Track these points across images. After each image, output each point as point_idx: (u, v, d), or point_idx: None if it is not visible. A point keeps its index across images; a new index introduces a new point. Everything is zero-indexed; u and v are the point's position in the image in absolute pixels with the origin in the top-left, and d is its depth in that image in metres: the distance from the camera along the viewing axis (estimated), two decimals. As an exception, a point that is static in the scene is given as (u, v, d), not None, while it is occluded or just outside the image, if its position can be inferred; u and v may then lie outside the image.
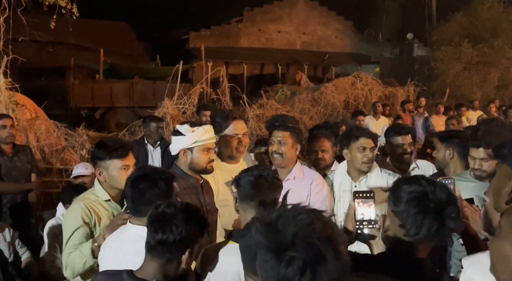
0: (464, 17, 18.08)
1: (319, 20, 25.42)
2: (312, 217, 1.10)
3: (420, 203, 1.57)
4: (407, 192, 1.61)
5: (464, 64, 17.08)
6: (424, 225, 1.55)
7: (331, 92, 10.58)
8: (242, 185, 2.10)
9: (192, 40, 22.43)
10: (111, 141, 2.73)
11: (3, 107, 5.47)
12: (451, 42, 17.48)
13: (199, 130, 2.86)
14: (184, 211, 1.76)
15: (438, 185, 1.61)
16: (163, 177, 2.17)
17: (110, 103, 13.95)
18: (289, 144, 3.08)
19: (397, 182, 1.70)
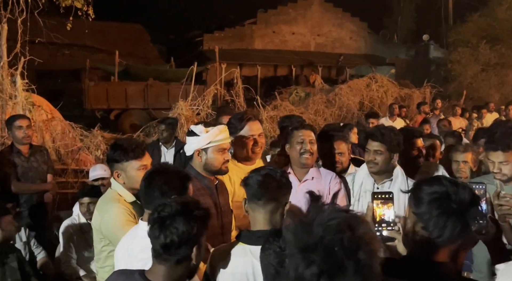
0: (481, 18, 17.83)
1: (333, 21, 25.34)
2: (345, 225, 1.08)
3: (442, 203, 1.53)
4: (428, 193, 1.56)
5: (482, 65, 16.84)
6: (447, 226, 1.50)
7: (346, 94, 10.51)
8: (250, 184, 2.09)
9: (206, 42, 22.54)
10: (126, 142, 2.73)
11: (20, 108, 5.54)
12: (468, 43, 17.25)
13: (213, 130, 2.83)
14: (181, 211, 1.74)
15: (461, 186, 1.56)
16: (178, 172, 2.20)
17: (125, 105, 14.07)
18: (315, 142, 3.12)
19: (417, 183, 1.66)
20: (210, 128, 2.86)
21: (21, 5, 5.89)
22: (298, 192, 3.10)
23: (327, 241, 1.05)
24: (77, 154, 6.28)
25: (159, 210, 1.75)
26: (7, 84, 5.54)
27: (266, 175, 2.08)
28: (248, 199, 2.10)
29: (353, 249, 1.05)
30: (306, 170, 3.15)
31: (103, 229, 2.57)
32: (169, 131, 5.61)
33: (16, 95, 5.54)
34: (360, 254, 1.05)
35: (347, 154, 3.59)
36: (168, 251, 1.71)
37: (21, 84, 5.63)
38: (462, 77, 16.65)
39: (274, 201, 2.04)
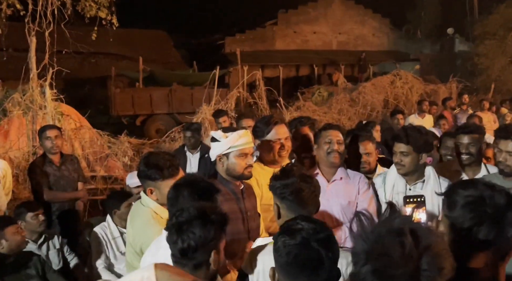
0: (508, 9, 17.35)
1: (355, 19, 25.10)
2: (409, 231, 1.07)
3: (476, 208, 1.49)
4: (462, 196, 1.52)
5: (510, 58, 16.40)
6: (481, 231, 1.46)
7: (370, 92, 10.39)
8: (285, 197, 2.14)
9: (228, 45, 22.64)
10: (161, 160, 2.66)
11: (50, 118, 5.70)
12: (495, 35, 16.82)
13: (233, 135, 2.82)
14: (198, 215, 1.76)
15: (497, 189, 1.52)
16: (206, 184, 2.22)
17: (150, 110, 14.27)
18: (342, 143, 3.13)
19: (452, 186, 1.63)
20: (229, 134, 2.86)
21: (48, 17, 6.06)
22: (327, 192, 3.10)
23: (386, 242, 1.06)
24: (106, 161, 6.41)
25: (177, 215, 1.78)
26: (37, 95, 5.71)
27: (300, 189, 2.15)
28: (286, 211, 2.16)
29: (413, 255, 1.04)
30: (334, 170, 3.14)
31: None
32: (195, 137, 5.65)
33: (46, 105, 5.70)
34: (423, 263, 1.04)
35: (374, 154, 3.55)
36: (186, 255, 1.73)
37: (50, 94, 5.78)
38: (489, 70, 16.24)
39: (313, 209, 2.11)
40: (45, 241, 3.91)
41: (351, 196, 3.09)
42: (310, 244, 1.53)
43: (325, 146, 3.11)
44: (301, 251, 1.53)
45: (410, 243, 1.05)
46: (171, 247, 1.78)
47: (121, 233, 3.80)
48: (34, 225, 3.78)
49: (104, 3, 6.84)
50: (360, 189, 3.10)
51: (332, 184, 3.13)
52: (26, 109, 5.74)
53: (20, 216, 3.79)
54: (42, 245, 3.88)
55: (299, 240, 1.54)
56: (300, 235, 1.55)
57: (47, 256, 3.88)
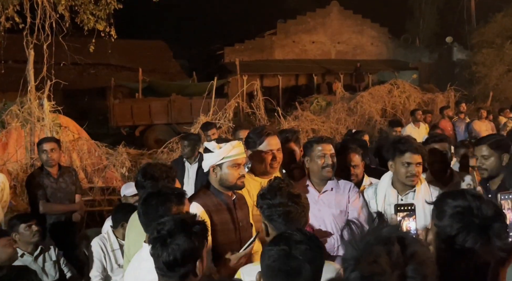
0: (505, 18, 17.49)
1: (353, 28, 25.25)
2: (396, 239, 1.11)
3: (464, 218, 1.52)
4: (451, 206, 1.56)
5: (508, 66, 16.47)
6: (467, 241, 1.49)
7: (368, 101, 10.44)
8: (273, 219, 2.17)
9: (227, 55, 22.78)
10: (157, 171, 2.75)
11: (48, 130, 5.74)
12: (493, 44, 16.92)
13: (226, 146, 2.87)
14: (180, 227, 1.79)
15: (485, 201, 1.55)
16: (175, 193, 2.25)
17: (149, 121, 14.32)
18: (334, 155, 3.19)
19: (441, 195, 1.66)
20: (222, 144, 2.91)
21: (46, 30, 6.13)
22: (319, 202, 3.16)
23: (374, 250, 1.09)
24: (104, 172, 6.44)
25: (159, 228, 1.81)
26: (35, 107, 5.75)
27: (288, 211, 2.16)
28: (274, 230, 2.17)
29: (399, 263, 1.07)
30: (325, 181, 3.20)
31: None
32: (191, 147, 5.68)
33: (44, 117, 5.74)
34: (408, 271, 1.07)
35: (361, 166, 3.60)
36: (172, 268, 1.76)
37: (48, 106, 5.83)
38: (487, 78, 16.31)
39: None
40: (41, 253, 3.93)
41: (342, 206, 3.14)
42: (291, 252, 1.59)
43: (318, 160, 3.15)
44: (280, 257, 1.59)
45: (397, 251, 1.08)
46: (155, 260, 1.80)
47: (121, 245, 3.81)
48: (27, 236, 3.80)
49: (102, 15, 6.91)
50: (350, 198, 3.16)
51: (323, 195, 3.19)
52: (24, 121, 5.79)
53: (14, 228, 3.81)
54: (38, 257, 3.90)
55: (282, 246, 1.60)
56: (284, 243, 1.61)
57: (43, 268, 3.89)
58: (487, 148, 2.97)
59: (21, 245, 3.83)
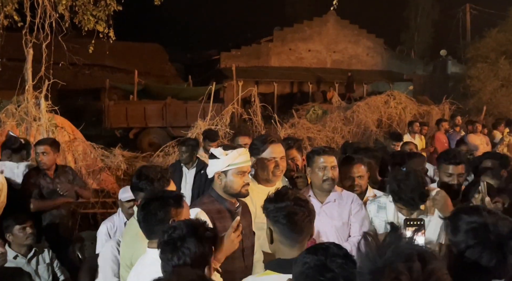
0: (500, 33, 17.70)
1: (349, 38, 25.43)
2: (416, 256, 1.09)
3: (479, 234, 1.51)
4: (466, 222, 1.55)
5: (502, 81, 16.64)
6: (482, 257, 1.48)
7: (364, 111, 10.47)
8: (279, 222, 2.11)
9: (223, 60, 22.80)
10: (152, 171, 2.74)
11: (44, 130, 5.67)
12: (487, 59, 17.09)
13: (232, 153, 2.86)
14: (191, 231, 1.78)
15: (501, 217, 1.55)
16: (173, 196, 2.23)
17: (144, 124, 14.25)
18: (336, 167, 3.15)
19: (456, 210, 1.65)
20: (229, 151, 2.89)
21: (45, 30, 6.08)
22: (321, 214, 3.11)
23: (395, 267, 1.07)
24: (99, 174, 6.37)
25: (170, 232, 1.79)
26: (32, 107, 5.68)
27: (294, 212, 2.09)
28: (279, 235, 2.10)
29: (419, 280, 1.06)
30: (328, 193, 3.19)
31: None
32: (189, 153, 5.63)
33: (40, 117, 5.67)
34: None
35: (366, 177, 3.58)
36: None
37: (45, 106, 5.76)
38: (481, 93, 16.45)
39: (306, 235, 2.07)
40: (35, 255, 3.86)
41: (344, 218, 3.12)
42: (326, 262, 1.57)
43: (319, 172, 3.13)
44: (316, 265, 1.56)
45: (418, 268, 1.06)
46: (164, 264, 1.77)
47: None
48: (21, 238, 3.73)
49: (102, 16, 6.86)
50: (352, 210, 3.14)
51: (325, 206, 3.17)
52: (20, 120, 5.71)
53: (8, 229, 3.75)
54: (31, 259, 3.83)
55: (319, 255, 1.59)
56: (321, 252, 1.59)
57: (36, 271, 3.83)
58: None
59: (15, 247, 3.76)
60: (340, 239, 3.09)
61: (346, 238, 3.14)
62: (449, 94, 13.66)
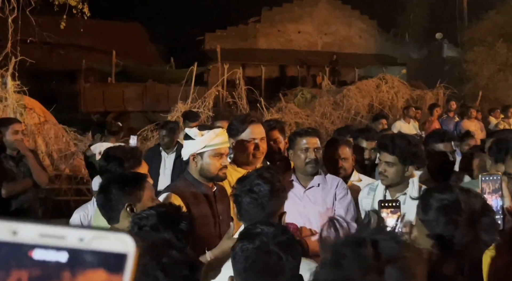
0: (498, 15, 17.73)
1: (341, 19, 25.34)
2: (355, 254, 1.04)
3: (451, 212, 1.50)
4: (437, 200, 1.54)
5: (499, 65, 16.72)
6: (454, 236, 1.47)
7: (355, 95, 10.47)
8: (239, 202, 2.13)
9: (208, 41, 22.60)
10: (120, 152, 2.68)
11: (11, 111, 5.55)
12: (484, 42, 17.14)
13: (209, 134, 2.80)
14: (165, 222, 1.72)
15: (473, 194, 1.54)
16: (131, 177, 2.19)
17: (122, 108, 14.11)
18: (320, 149, 3.14)
19: (428, 189, 1.65)
20: (205, 132, 2.84)
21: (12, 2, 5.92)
22: (304, 199, 3.11)
23: (344, 252, 1.03)
24: (71, 159, 6.28)
25: (141, 224, 1.73)
26: (-3, 86, 5.56)
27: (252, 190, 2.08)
28: (243, 215, 2.12)
29: (373, 267, 1.01)
30: (311, 177, 3.15)
31: None
32: (170, 137, 5.57)
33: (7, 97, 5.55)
34: (386, 276, 1.01)
35: (351, 160, 3.56)
36: None
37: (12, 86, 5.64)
38: (478, 77, 16.54)
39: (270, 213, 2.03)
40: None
41: (328, 203, 3.09)
42: (269, 247, 1.50)
43: (301, 154, 3.09)
44: (259, 255, 1.49)
45: (371, 254, 1.02)
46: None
47: None
48: None
49: (75, -10, 6.72)
50: (337, 195, 3.10)
51: (308, 191, 3.13)
52: (-16, 100, 5.60)
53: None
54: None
55: (258, 243, 1.51)
56: (258, 239, 1.52)
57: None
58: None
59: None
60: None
61: None
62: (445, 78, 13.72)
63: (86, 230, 0.46)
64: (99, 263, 0.45)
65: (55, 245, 0.45)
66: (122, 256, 0.45)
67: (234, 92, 9.43)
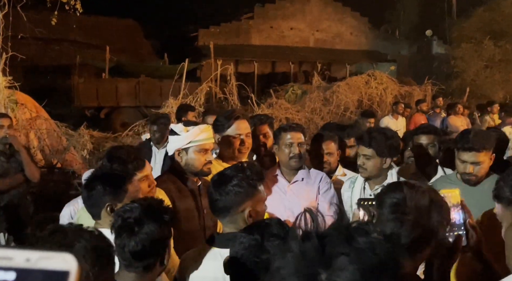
0: (485, 13, 17.80)
1: (333, 16, 25.33)
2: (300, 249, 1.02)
3: (397, 209, 1.51)
4: (389, 197, 1.56)
5: (486, 62, 16.83)
6: (401, 233, 1.47)
7: (344, 91, 10.49)
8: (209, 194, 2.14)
9: (201, 37, 22.50)
10: (124, 153, 2.63)
11: (2, 106, 5.52)
12: (472, 39, 17.22)
13: (194, 130, 2.82)
14: (149, 214, 1.72)
15: (420, 192, 1.54)
16: (114, 176, 2.17)
17: (115, 103, 14.03)
18: (304, 144, 3.14)
19: (385, 187, 1.66)
20: (190, 128, 2.85)
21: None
22: (288, 193, 3.13)
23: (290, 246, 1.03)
24: (63, 154, 6.26)
25: (125, 216, 1.72)
26: (-12, 82, 5.52)
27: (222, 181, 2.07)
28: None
29: (313, 263, 0.95)
30: (295, 171, 3.17)
31: None
32: (161, 132, 5.53)
33: (-2, 92, 5.52)
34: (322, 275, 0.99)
35: (336, 155, 3.58)
36: (138, 257, 1.68)
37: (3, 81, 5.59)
38: (465, 74, 16.64)
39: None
40: (-10, 237, 3.79)
41: (312, 197, 3.11)
42: (263, 244, 1.57)
43: (285, 149, 3.11)
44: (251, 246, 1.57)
45: (313, 249, 0.96)
46: (119, 251, 1.69)
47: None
48: None
49: (66, -14, 6.66)
50: (320, 189, 3.12)
51: (293, 185, 3.15)
52: (-24, 96, 5.56)
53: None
54: (-15, 241, 3.76)
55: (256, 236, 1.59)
56: (258, 232, 1.60)
57: (-9, 253, 3.75)
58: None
59: (-32, 229, 3.68)
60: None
61: None
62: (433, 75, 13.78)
63: (32, 251, 0.50)
64: (45, 280, 0.49)
65: (3, 265, 0.49)
66: (65, 274, 0.49)
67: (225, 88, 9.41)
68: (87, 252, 1.35)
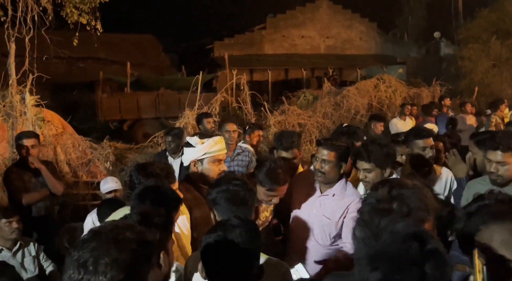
0: (491, 13, 17.54)
1: (342, 23, 25.23)
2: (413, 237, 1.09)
3: (381, 209, 1.53)
4: (372, 198, 1.58)
5: (493, 61, 16.54)
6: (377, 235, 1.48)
7: (354, 96, 10.43)
8: (217, 203, 2.24)
9: (217, 49, 22.64)
10: (157, 168, 2.62)
11: (30, 124, 5.65)
12: (479, 39, 16.97)
13: (208, 142, 2.91)
14: (141, 220, 1.77)
15: (413, 191, 1.55)
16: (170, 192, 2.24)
17: (137, 115, 14.20)
18: (333, 162, 2.98)
19: (376, 183, 1.68)
20: (205, 140, 2.93)
21: (28, 23, 6.02)
22: (315, 204, 3.08)
23: (393, 249, 1.06)
24: (88, 166, 6.37)
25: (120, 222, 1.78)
26: (17, 101, 5.65)
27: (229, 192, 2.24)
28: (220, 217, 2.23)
29: (419, 260, 1.04)
30: (330, 185, 3.04)
31: None
32: (176, 142, 5.61)
33: (26, 111, 5.65)
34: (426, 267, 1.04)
35: None
36: None
37: (30, 101, 5.73)
38: (473, 73, 16.38)
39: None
40: (20, 248, 3.87)
41: (336, 216, 2.99)
42: (227, 237, 1.66)
43: (314, 161, 3.09)
44: (216, 243, 1.66)
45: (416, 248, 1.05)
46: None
47: None
48: (6, 232, 3.73)
49: (85, 9, 6.79)
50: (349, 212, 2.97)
51: (321, 198, 3.08)
52: (6, 115, 5.69)
53: (-6, 222, 3.74)
54: (17, 252, 3.84)
55: (219, 232, 1.68)
56: (220, 228, 1.69)
57: (22, 264, 3.84)
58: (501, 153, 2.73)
59: (0, 240, 3.77)
60: (323, 234, 3.03)
61: (330, 236, 3.03)
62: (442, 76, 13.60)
63: None
64: None
65: None
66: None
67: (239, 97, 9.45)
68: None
